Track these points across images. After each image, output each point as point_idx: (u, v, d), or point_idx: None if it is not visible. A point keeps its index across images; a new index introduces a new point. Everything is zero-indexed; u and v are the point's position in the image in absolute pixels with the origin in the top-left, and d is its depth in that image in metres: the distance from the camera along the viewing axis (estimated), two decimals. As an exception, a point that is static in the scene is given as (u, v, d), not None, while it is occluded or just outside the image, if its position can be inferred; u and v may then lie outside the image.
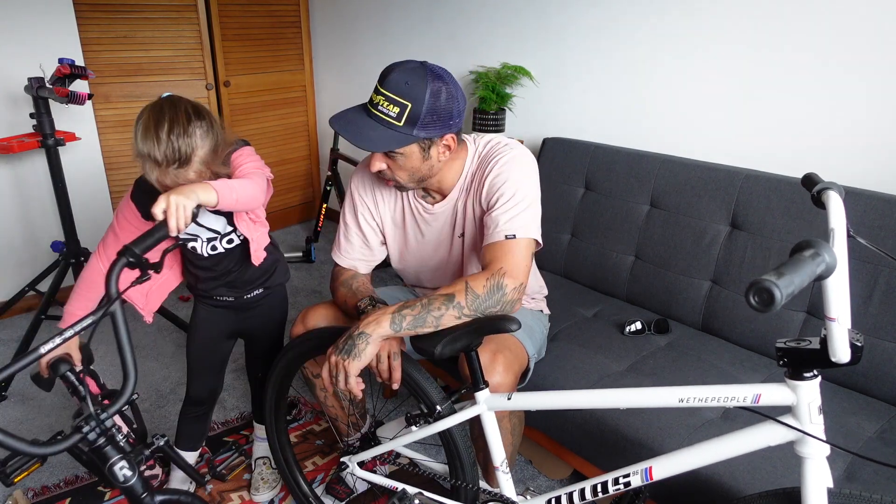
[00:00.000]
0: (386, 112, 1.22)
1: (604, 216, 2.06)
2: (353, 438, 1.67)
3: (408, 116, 1.22)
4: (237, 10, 3.32)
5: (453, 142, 1.31)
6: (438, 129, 1.25)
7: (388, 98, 1.22)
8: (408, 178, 1.34)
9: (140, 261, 1.03)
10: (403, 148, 1.25)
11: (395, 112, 1.22)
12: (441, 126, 1.25)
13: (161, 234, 1.08)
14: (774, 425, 0.93)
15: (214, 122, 1.29)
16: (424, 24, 2.99)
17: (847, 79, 1.69)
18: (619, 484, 1.09)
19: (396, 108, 1.21)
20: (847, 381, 1.55)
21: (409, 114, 1.21)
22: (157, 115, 1.22)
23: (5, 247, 2.80)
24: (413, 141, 1.24)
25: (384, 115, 1.23)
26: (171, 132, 1.20)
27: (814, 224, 1.61)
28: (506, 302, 1.21)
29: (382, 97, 1.23)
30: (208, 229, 1.44)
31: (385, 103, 1.22)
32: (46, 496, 1.76)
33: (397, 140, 1.23)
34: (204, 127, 1.25)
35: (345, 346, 1.20)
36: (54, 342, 0.93)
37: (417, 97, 1.21)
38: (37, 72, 2.24)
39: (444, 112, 1.24)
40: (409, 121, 1.22)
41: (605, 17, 2.22)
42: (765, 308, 0.71)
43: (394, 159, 1.29)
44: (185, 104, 1.26)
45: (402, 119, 1.22)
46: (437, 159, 1.32)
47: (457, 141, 1.32)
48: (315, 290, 3.10)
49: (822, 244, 0.78)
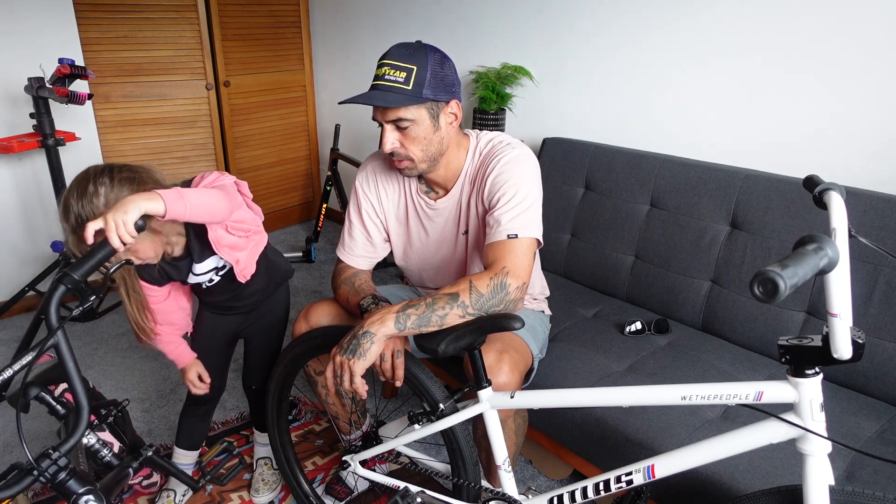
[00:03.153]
0: (393, 79, 1.26)
1: (604, 216, 2.06)
2: (355, 437, 1.67)
3: (415, 79, 1.26)
4: (237, 10, 3.32)
5: (458, 109, 1.35)
6: (444, 94, 1.29)
7: (393, 66, 1.26)
8: (421, 153, 1.35)
9: (78, 286, 0.94)
10: (415, 112, 1.28)
11: (402, 77, 1.26)
12: (445, 91, 1.30)
13: (104, 252, 0.99)
14: (776, 423, 0.94)
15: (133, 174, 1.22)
16: (424, 23, 2.99)
17: (847, 79, 1.69)
18: (621, 482, 1.10)
19: (403, 73, 1.26)
20: (847, 380, 1.56)
21: (416, 76, 1.26)
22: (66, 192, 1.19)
23: (5, 247, 2.80)
24: (423, 101, 1.27)
25: (392, 83, 1.27)
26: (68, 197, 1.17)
27: (814, 224, 1.62)
28: (509, 301, 1.22)
29: (387, 67, 1.27)
30: (205, 273, 1.45)
31: (391, 71, 1.26)
32: (46, 496, 1.76)
33: (409, 100, 1.27)
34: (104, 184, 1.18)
35: (349, 346, 1.20)
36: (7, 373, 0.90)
37: (421, 62, 1.26)
38: (37, 72, 2.25)
39: (447, 78, 1.30)
40: (417, 83, 1.26)
41: (605, 17, 2.23)
42: (769, 299, 0.72)
43: (406, 132, 1.31)
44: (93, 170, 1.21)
45: (410, 82, 1.26)
46: (446, 130, 1.35)
47: (461, 111, 1.36)
48: (315, 290, 3.10)
49: (825, 238, 0.78)
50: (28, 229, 2.84)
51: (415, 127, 1.30)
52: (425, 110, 1.29)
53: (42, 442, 1.97)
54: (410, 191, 1.49)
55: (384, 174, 1.51)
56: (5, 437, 2.01)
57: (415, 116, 1.29)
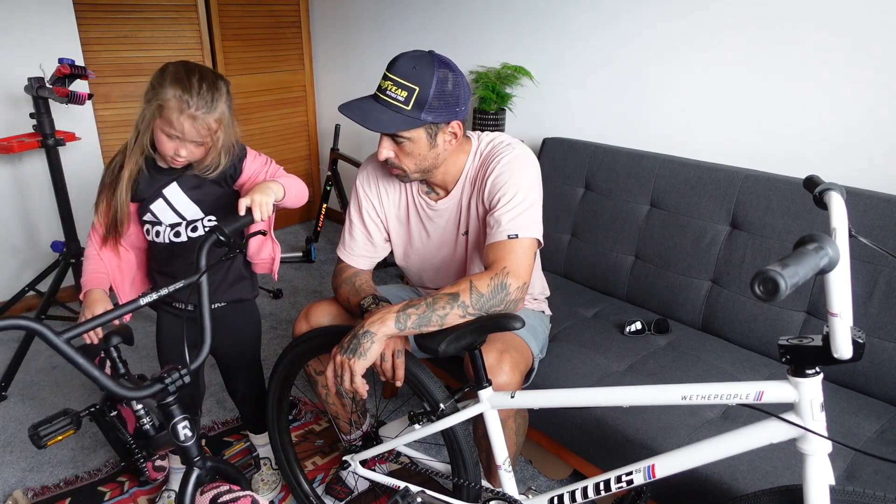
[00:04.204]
0: (394, 96, 1.25)
1: (604, 216, 2.06)
2: (355, 437, 1.67)
3: (415, 100, 1.24)
4: (237, 10, 3.32)
5: (459, 129, 1.33)
6: (445, 115, 1.28)
7: (396, 83, 1.25)
8: (414, 167, 1.35)
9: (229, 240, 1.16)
10: (411, 133, 1.28)
11: (402, 96, 1.24)
12: (447, 112, 1.28)
13: (245, 220, 1.22)
14: (777, 422, 0.94)
15: (229, 93, 1.39)
16: (424, 23, 2.99)
17: (848, 79, 1.69)
18: (621, 482, 1.10)
19: (404, 93, 1.24)
20: (847, 380, 1.56)
21: (417, 98, 1.24)
22: (186, 66, 1.30)
23: (5, 247, 2.80)
24: (420, 125, 1.26)
25: (392, 100, 1.26)
26: (202, 80, 1.29)
27: (814, 224, 1.62)
28: (509, 301, 1.22)
29: (390, 82, 1.26)
30: (176, 212, 1.43)
31: (393, 88, 1.25)
32: (46, 496, 1.76)
33: (405, 122, 1.25)
34: (225, 87, 1.36)
35: (350, 346, 1.20)
36: (122, 309, 1.03)
37: (424, 81, 1.24)
38: (37, 72, 2.24)
39: (451, 98, 1.27)
40: (417, 105, 1.24)
41: (605, 17, 2.23)
42: (769, 298, 0.72)
43: (401, 146, 1.31)
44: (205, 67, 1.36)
45: (410, 103, 1.24)
46: (443, 147, 1.34)
47: (462, 129, 1.34)
48: (315, 290, 3.11)
49: (826, 238, 0.78)
50: (28, 229, 2.84)
51: (410, 144, 1.30)
52: (423, 131, 1.29)
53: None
54: (411, 191, 1.49)
55: (385, 174, 1.51)
56: (5, 436, 2.01)
57: (411, 136, 1.29)
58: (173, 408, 1.06)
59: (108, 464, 1.88)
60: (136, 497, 1.76)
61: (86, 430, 2.02)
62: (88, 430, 2.02)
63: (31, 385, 2.30)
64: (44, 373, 2.37)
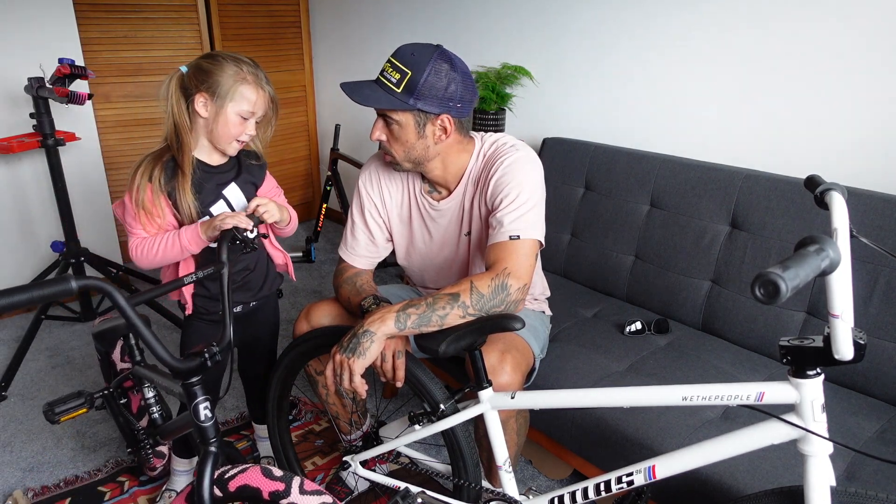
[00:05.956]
0: (388, 77, 1.28)
1: (604, 216, 2.06)
2: (355, 437, 1.67)
3: (406, 84, 1.26)
4: (237, 10, 3.32)
5: (450, 124, 1.32)
6: (435, 106, 1.28)
7: (393, 65, 1.28)
8: (403, 154, 1.36)
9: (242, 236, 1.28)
10: (399, 116, 1.29)
11: (395, 78, 1.27)
12: (438, 104, 1.28)
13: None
14: (777, 423, 0.94)
15: None
16: (424, 23, 2.99)
17: (847, 79, 1.69)
18: (622, 483, 1.10)
19: (397, 75, 1.27)
20: (847, 381, 1.56)
21: (408, 82, 1.26)
22: (224, 52, 1.38)
23: (5, 247, 2.80)
24: (408, 108, 1.27)
25: (386, 80, 1.29)
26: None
27: (814, 224, 1.62)
28: (510, 302, 1.22)
29: (388, 64, 1.29)
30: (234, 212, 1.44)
31: (389, 69, 1.28)
32: (46, 496, 1.76)
33: (391, 102, 1.28)
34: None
35: (349, 345, 1.20)
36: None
37: (418, 68, 1.25)
38: (37, 72, 2.24)
39: (442, 90, 1.27)
40: (407, 89, 1.26)
41: (605, 17, 2.23)
42: (770, 300, 0.71)
43: (391, 130, 1.33)
44: None
45: (401, 86, 1.27)
46: (433, 140, 1.34)
47: (454, 125, 1.33)
48: (315, 290, 3.10)
49: (827, 240, 0.78)
50: (28, 229, 2.84)
51: (399, 128, 1.32)
52: (412, 116, 1.30)
53: (48, 437, 1.97)
54: (414, 191, 1.49)
55: (388, 174, 1.51)
56: (5, 436, 2.01)
57: (400, 119, 1.30)
58: (197, 388, 1.08)
59: (108, 464, 1.88)
60: (136, 497, 1.76)
61: (86, 430, 2.02)
62: (89, 431, 2.02)
63: (31, 385, 2.30)
64: (44, 373, 2.37)
